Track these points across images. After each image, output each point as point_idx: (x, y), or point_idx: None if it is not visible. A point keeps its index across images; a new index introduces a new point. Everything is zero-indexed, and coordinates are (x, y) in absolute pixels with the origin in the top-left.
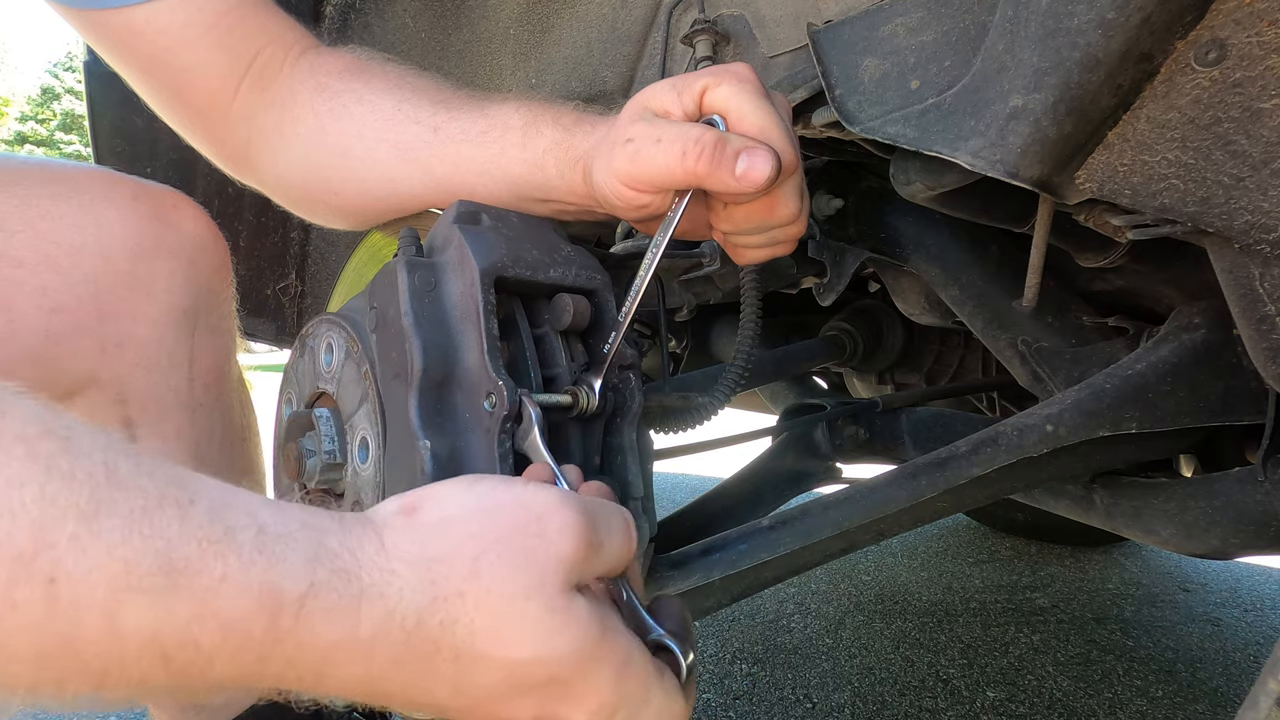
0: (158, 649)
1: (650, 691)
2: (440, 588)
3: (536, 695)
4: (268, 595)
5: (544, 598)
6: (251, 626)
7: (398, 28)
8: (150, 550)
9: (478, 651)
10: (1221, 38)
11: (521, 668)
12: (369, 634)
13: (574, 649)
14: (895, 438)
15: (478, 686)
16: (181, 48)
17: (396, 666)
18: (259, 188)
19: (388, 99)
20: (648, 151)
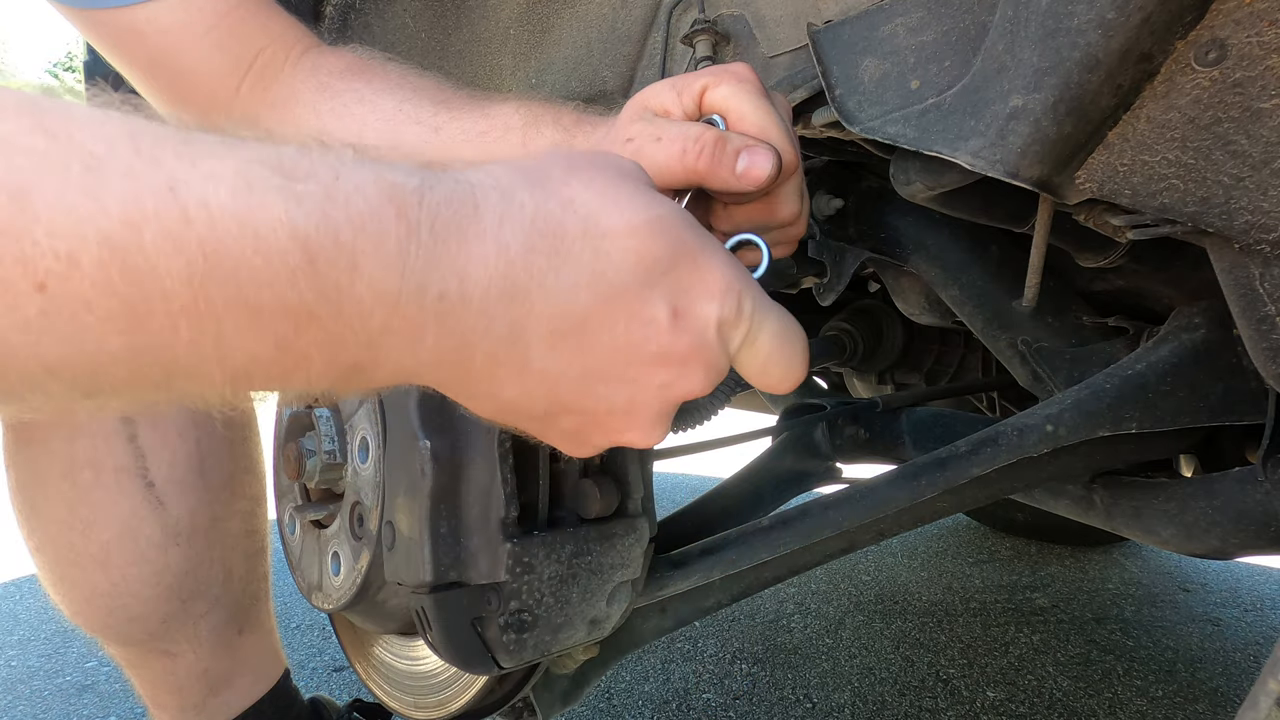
0: (299, 247)
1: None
2: (545, 179)
3: (668, 283)
4: (386, 185)
5: (639, 182)
6: (382, 214)
7: (398, 28)
8: (257, 159)
9: (603, 224)
10: (1221, 38)
11: (647, 235)
12: (493, 219)
13: (683, 217)
14: (895, 438)
15: (615, 270)
16: (182, 48)
17: (530, 252)
18: None
19: (389, 99)
20: (647, 150)
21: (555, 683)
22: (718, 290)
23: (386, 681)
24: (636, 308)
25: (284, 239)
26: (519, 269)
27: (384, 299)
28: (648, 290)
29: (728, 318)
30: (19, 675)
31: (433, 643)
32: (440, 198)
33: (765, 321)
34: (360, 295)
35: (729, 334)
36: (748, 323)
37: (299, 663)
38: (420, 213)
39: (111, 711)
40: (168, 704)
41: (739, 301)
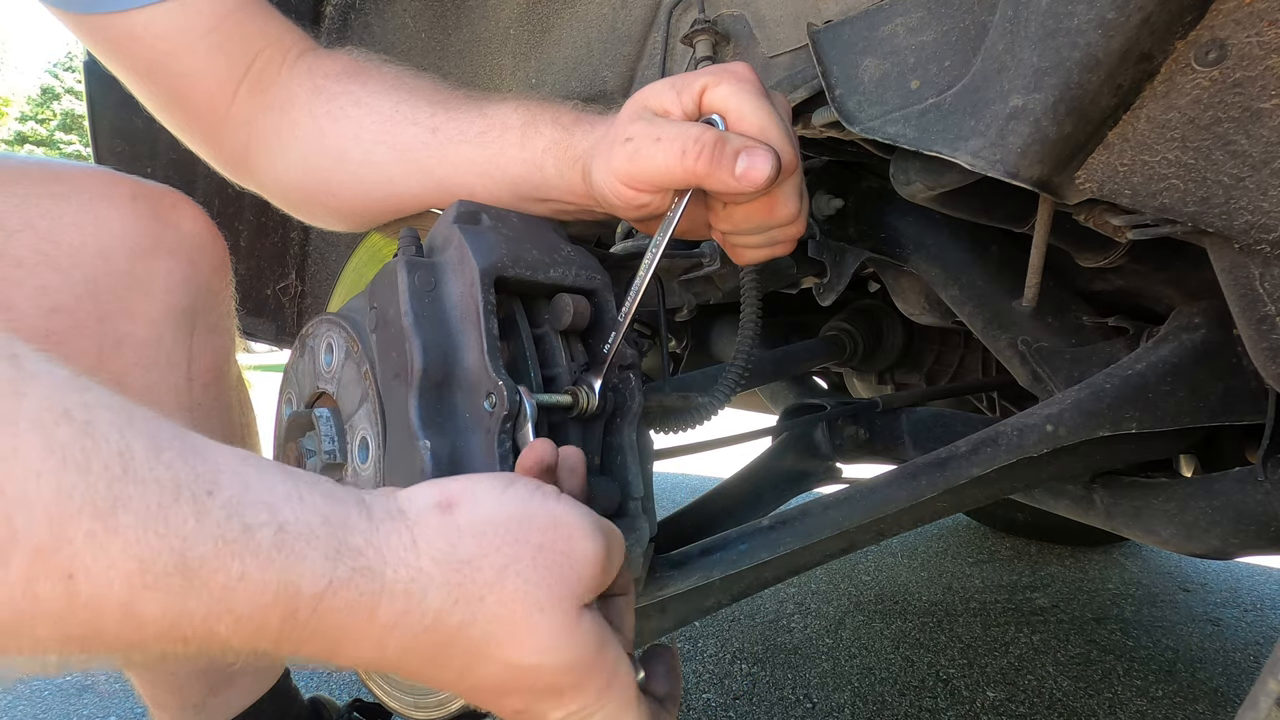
0: (177, 635)
1: (628, 709)
2: (465, 590)
3: (529, 695)
4: (284, 593)
5: (560, 612)
6: (267, 620)
7: (398, 28)
8: (166, 549)
9: (488, 654)
10: (1221, 38)
11: (525, 672)
12: (384, 625)
13: (574, 662)
14: (895, 438)
15: (480, 679)
16: (179, 52)
17: (405, 654)
18: (258, 191)
19: (385, 100)
20: (647, 150)
21: None
22: (569, 705)
23: (386, 681)
24: (488, 699)
25: (164, 629)
26: (393, 660)
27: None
28: (504, 697)
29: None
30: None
31: None
32: (340, 604)
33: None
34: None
35: None
36: None
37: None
38: (310, 618)
39: (111, 711)
40: (168, 703)
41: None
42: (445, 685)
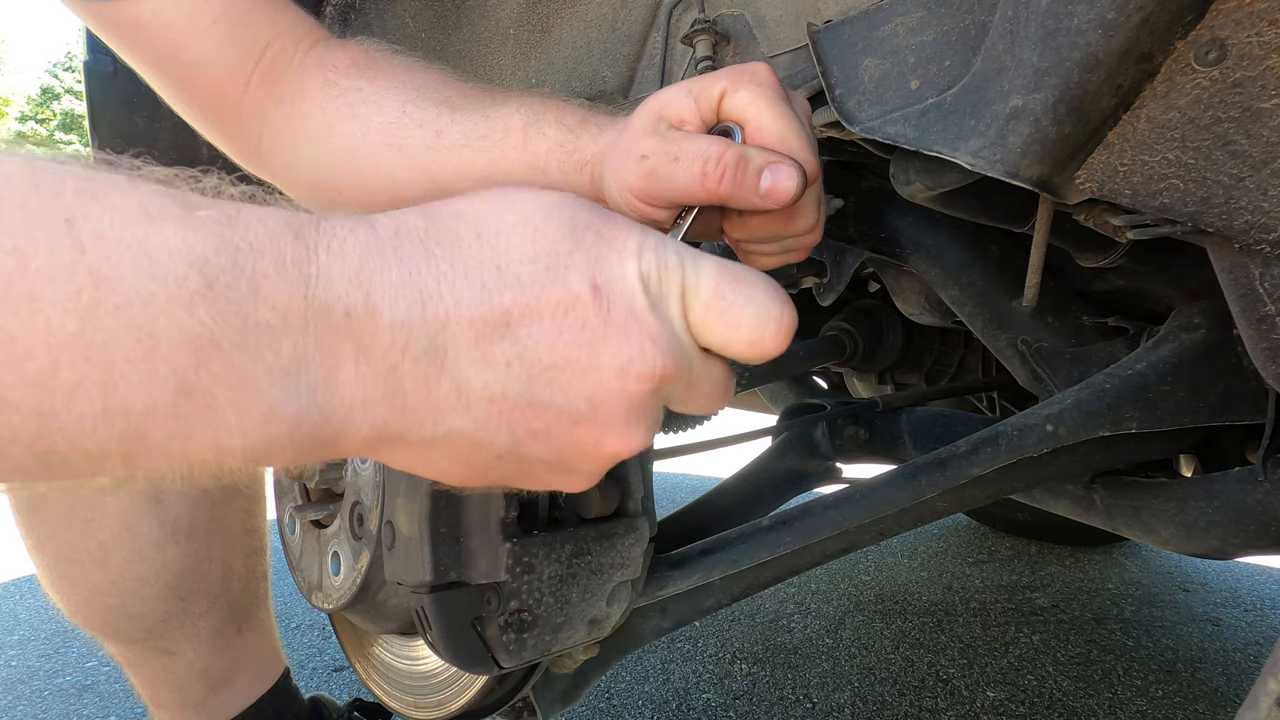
0: (197, 271)
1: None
2: (433, 206)
3: (576, 260)
4: (284, 216)
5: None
6: (279, 239)
7: (397, 27)
8: (158, 194)
9: (493, 224)
10: (1221, 38)
11: (538, 221)
12: (388, 234)
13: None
14: (895, 438)
15: (518, 263)
16: (188, 41)
17: (430, 260)
18: (273, 182)
19: (393, 99)
20: (664, 170)
21: (555, 682)
22: (631, 250)
23: (386, 681)
24: (553, 293)
25: (181, 264)
26: (423, 277)
27: (290, 322)
28: (557, 273)
29: (650, 273)
30: (19, 675)
31: (433, 642)
32: (336, 222)
33: (701, 267)
34: (265, 320)
35: (663, 292)
36: (678, 273)
37: (299, 662)
38: (317, 235)
39: (111, 711)
40: (168, 703)
41: (657, 255)
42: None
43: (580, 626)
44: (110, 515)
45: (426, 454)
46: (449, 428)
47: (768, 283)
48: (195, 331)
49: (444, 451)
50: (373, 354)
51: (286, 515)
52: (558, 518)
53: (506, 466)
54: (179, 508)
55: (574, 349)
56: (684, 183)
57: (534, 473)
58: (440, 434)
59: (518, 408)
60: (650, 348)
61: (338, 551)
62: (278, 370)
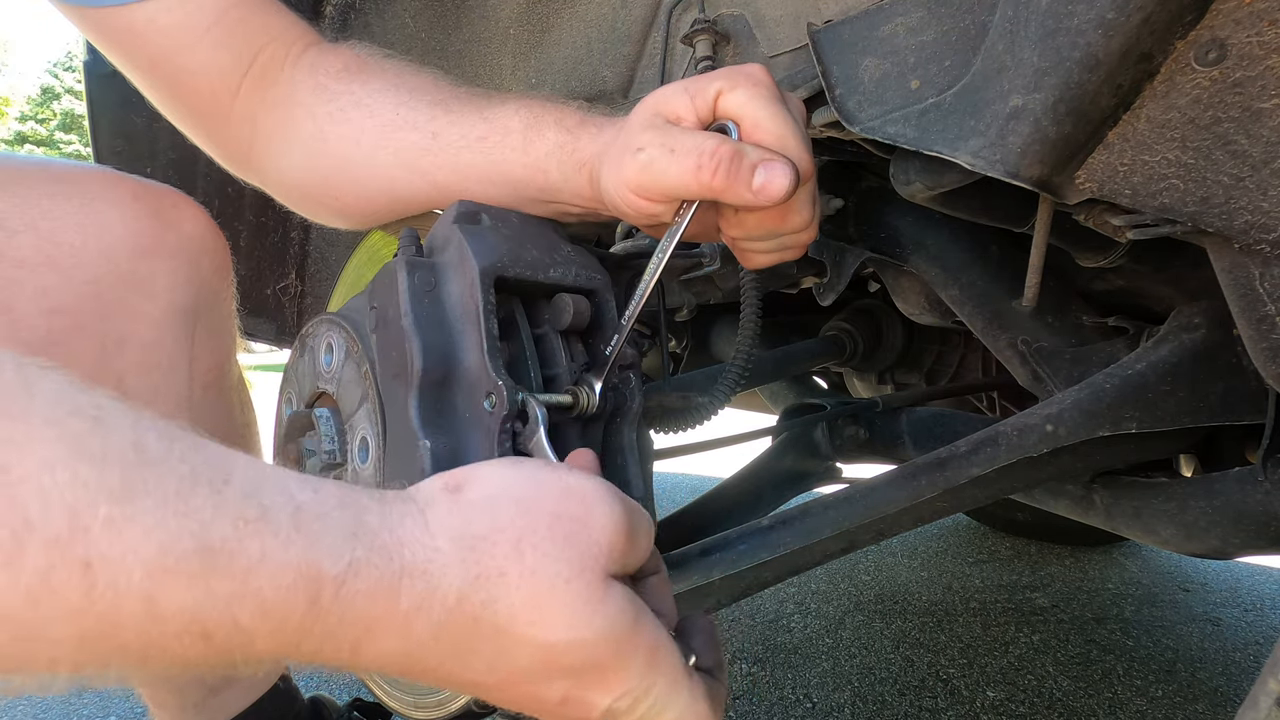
0: (198, 629)
1: (678, 686)
2: (483, 566)
3: (569, 678)
4: (307, 574)
5: (584, 583)
6: (292, 605)
7: (397, 28)
8: (186, 531)
9: (516, 632)
10: (1221, 37)
11: (558, 650)
12: (409, 608)
13: (610, 634)
14: (895, 438)
15: (513, 665)
16: (181, 48)
17: (435, 641)
18: (262, 187)
19: (386, 102)
20: (660, 163)
21: None
22: (615, 692)
23: (386, 681)
24: (527, 690)
25: (184, 623)
26: (419, 652)
27: (277, 662)
28: (542, 684)
29: (618, 710)
30: None
31: None
32: (361, 589)
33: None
34: (251, 657)
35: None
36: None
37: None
38: (334, 603)
39: (111, 711)
40: (168, 703)
41: (633, 702)
42: (479, 684)
43: None
44: None
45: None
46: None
47: None
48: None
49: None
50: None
51: None
52: None
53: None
54: None
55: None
56: (679, 175)
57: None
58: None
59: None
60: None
61: None
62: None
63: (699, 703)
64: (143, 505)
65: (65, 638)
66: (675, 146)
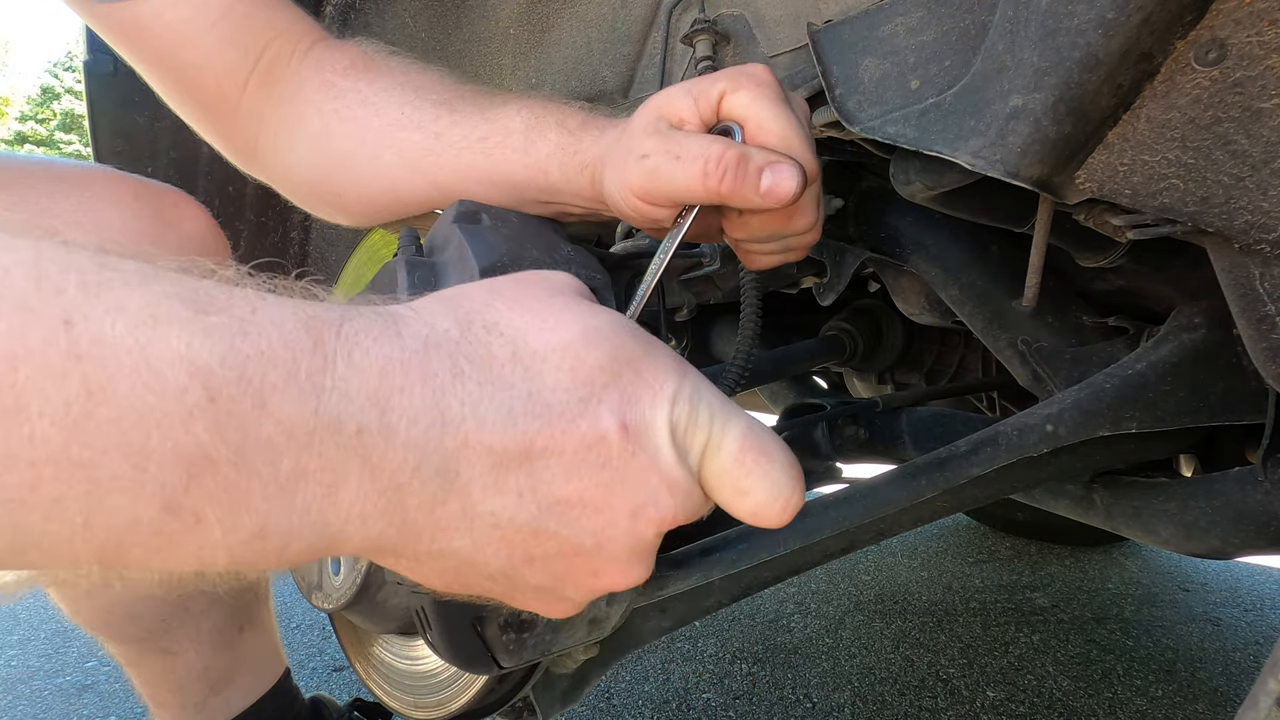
0: (200, 383)
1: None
2: (467, 306)
3: (611, 395)
4: (305, 319)
5: (568, 296)
6: (296, 346)
7: (397, 27)
8: (170, 293)
9: (531, 344)
10: (1221, 37)
11: (580, 347)
12: (416, 345)
13: (620, 324)
14: (895, 438)
15: (551, 391)
16: (188, 42)
17: (459, 379)
18: (267, 182)
19: (392, 101)
20: (666, 169)
21: (555, 682)
22: (666, 395)
23: (386, 681)
24: (581, 428)
25: (183, 375)
26: (447, 397)
27: (295, 437)
28: (589, 407)
29: (679, 422)
30: (19, 675)
31: (433, 642)
32: (361, 327)
33: (729, 427)
34: (267, 435)
35: (687, 443)
36: (705, 430)
37: (299, 662)
38: (337, 343)
39: (111, 711)
40: (168, 702)
41: (690, 406)
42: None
43: (580, 626)
44: None
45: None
46: (446, 546)
47: (787, 459)
48: (189, 448)
49: (435, 566)
50: (380, 473)
51: None
52: None
53: (495, 586)
54: None
55: (591, 487)
56: (685, 181)
57: (521, 595)
58: (435, 550)
59: (521, 535)
60: (666, 497)
61: None
62: (274, 488)
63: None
64: (121, 270)
65: (48, 410)
66: (680, 152)
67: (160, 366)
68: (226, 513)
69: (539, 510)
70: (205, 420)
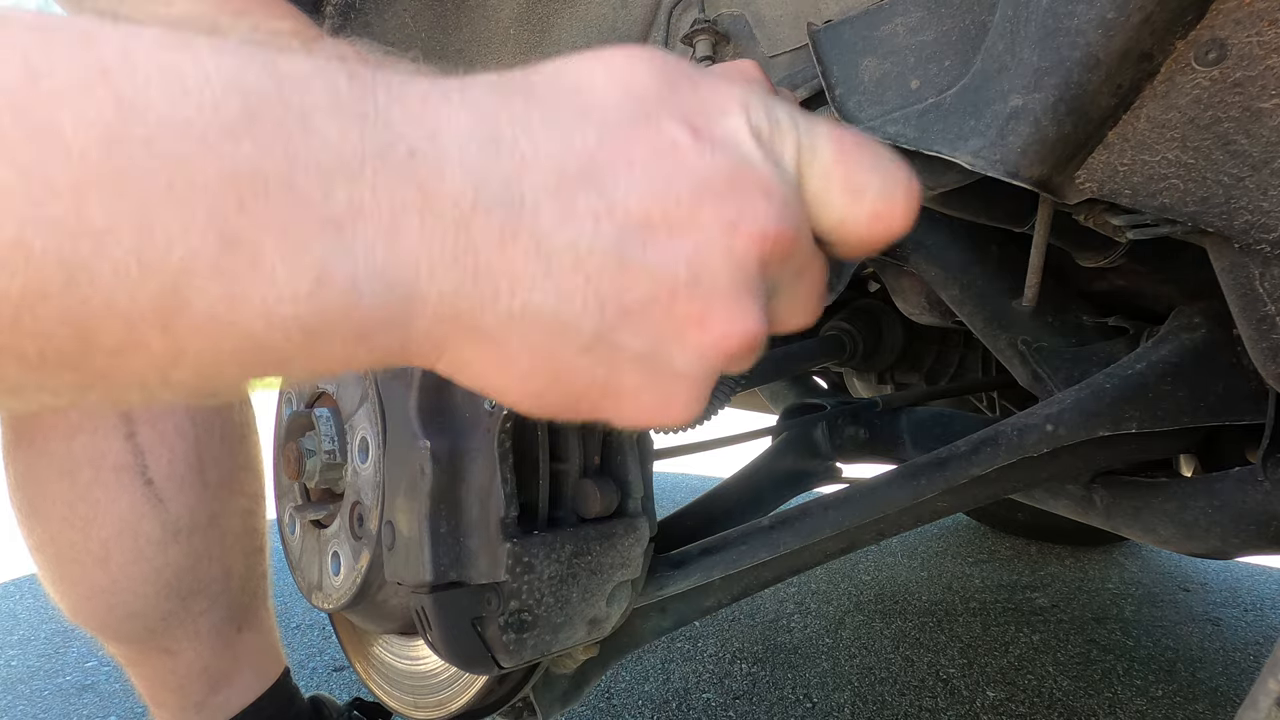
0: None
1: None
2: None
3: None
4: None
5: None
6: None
7: (397, 27)
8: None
9: (572, 72)
10: (1221, 37)
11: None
12: (454, 84)
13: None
14: (895, 438)
15: (604, 107)
16: None
17: (504, 102)
18: None
19: None
20: None
21: (555, 682)
22: (735, 102)
23: (386, 681)
24: (648, 136)
25: (218, 89)
26: (495, 119)
27: (346, 163)
28: (650, 119)
29: (761, 126)
30: (19, 675)
31: (433, 643)
32: (391, 65)
33: (816, 126)
34: (315, 159)
35: (776, 147)
36: (792, 132)
37: (299, 662)
38: (374, 76)
39: (111, 711)
40: (168, 702)
41: (766, 110)
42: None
43: (580, 626)
44: (111, 515)
45: (502, 350)
46: (527, 300)
47: (884, 148)
48: (237, 167)
49: (523, 343)
50: (440, 203)
51: (286, 515)
52: (558, 518)
53: (596, 368)
54: (179, 507)
55: (672, 200)
56: None
57: (627, 381)
58: (518, 310)
59: (606, 272)
60: (763, 204)
61: (338, 551)
62: (331, 222)
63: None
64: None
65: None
66: None
67: (194, 82)
68: (286, 246)
69: (619, 236)
70: (249, 137)
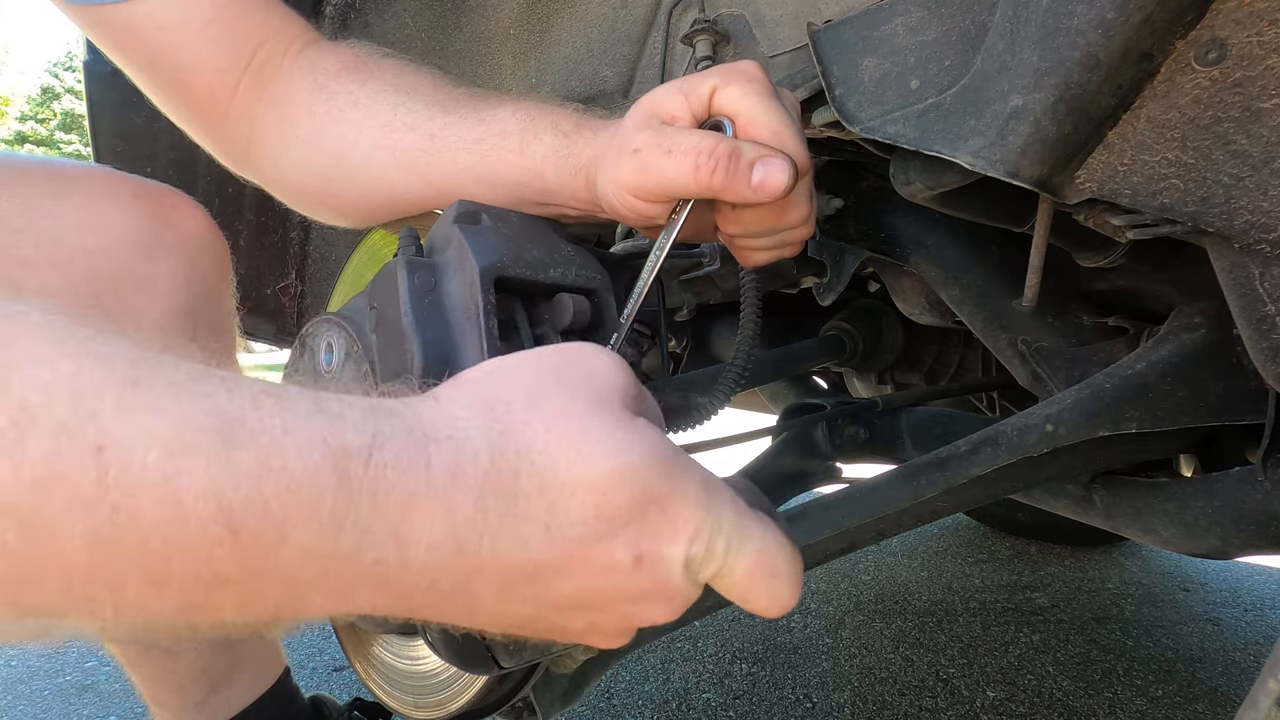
0: (223, 520)
1: (745, 516)
2: (505, 421)
3: (632, 525)
4: (333, 446)
5: (609, 412)
6: (321, 482)
7: (397, 27)
8: (202, 409)
9: (561, 476)
10: (1221, 37)
11: (609, 483)
12: (444, 478)
13: (655, 456)
14: (895, 438)
15: (570, 523)
16: (180, 44)
17: (480, 514)
18: (260, 184)
19: (385, 102)
20: (658, 164)
21: (555, 682)
22: (686, 534)
23: (386, 681)
24: (595, 557)
25: (208, 509)
26: (467, 530)
27: (312, 563)
28: (607, 541)
29: (696, 557)
30: (19, 675)
31: (432, 642)
32: (389, 458)
33: (742, 553)
34: (285, 563)
35: (698, 570)
36: (719, 560)
37: (299, 662)
38: (364, 478)
39: (111, 711)
40: (169, 702)
41: (709, 542)
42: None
43: None
44: None
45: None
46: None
47: (791, 569)
48: (209, 575)
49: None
50: (392, 589)
51: None
52: None
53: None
54: None
55: (592, 596)
56: (677, 176)
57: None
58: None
59: (520, 623)
60: (664, 609)
61: None
62: (287, 596)
63: (774, 532)
64: (155, 389)
65: (77, 534)
66: (672, 147)
67: (186, 500)
68: (242, 611)
69: (539, 608)
70: (226, 553)
